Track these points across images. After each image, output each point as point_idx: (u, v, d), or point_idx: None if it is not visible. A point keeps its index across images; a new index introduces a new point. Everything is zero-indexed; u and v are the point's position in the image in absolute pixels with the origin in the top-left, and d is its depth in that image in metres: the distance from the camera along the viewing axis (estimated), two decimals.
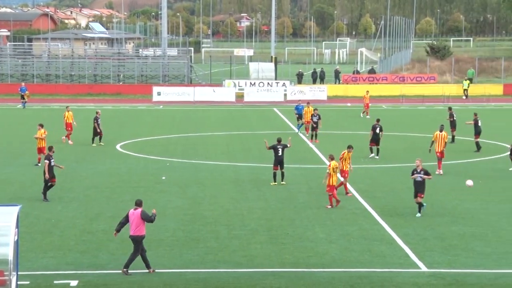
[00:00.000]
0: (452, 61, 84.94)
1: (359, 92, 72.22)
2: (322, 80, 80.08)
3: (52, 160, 26.91)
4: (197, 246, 21.35)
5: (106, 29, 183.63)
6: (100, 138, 40.44)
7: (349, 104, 65.16)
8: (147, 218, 19.17)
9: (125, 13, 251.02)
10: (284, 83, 70.52)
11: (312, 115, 42.44)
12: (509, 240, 21.95)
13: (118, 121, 52.72)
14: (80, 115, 57.69)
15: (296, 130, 46.17)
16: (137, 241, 19.13)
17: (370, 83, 75.33)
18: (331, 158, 26.59)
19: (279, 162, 29.97)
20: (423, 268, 19.40)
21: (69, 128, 41.13)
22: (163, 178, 31.31)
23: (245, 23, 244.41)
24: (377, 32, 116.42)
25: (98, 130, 40.10)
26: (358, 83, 75.33)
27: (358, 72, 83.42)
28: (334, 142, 42.26)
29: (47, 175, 26.72)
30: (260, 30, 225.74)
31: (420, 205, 24.76)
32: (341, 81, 77.38)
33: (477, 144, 38.40)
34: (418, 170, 24.88)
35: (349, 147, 28.85)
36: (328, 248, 21.14)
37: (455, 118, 41.40)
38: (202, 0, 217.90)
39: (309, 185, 29.89)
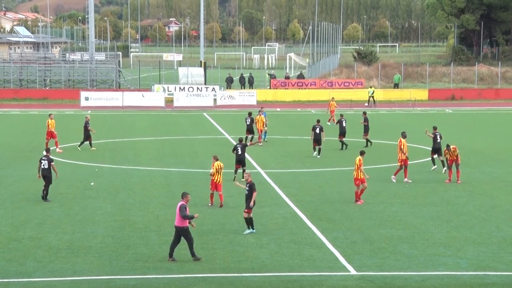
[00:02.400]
0: (379, 67, 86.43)
1: (288, 97, 72.88)
2: (251, 85, 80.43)
3: (46, 162, 27.60)
4: (127, 252, 21.16)
5: (32, 33, 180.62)
6: (82, 143, 40.87)
7: (278, 109, 65.51)
8: (181, 213, 19.93)
9: (51, 17, 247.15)
10: (213, 88, 70.57)
11: (246, 118, 42.82)
12: (435, 242, 22.40)
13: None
14: (6, 121, 56.60)
15: (263, 138, 44.09)
16: (179, 231, 19.99)
17: (299, 88, 76.01)
18: (215, 158, 27.20)
19: (239, 160, 31.33)
20: (352, 271, 19.64)
21: (48, 137, 40.18)
22: (92, 184, 30.94)
23: (173, 28, 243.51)
24: (305, 37, 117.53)
25: (93, 133, 40.82)
26: (287, 88, 75.96)
27: (289, 78, 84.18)
28: (264, 147, 42.44)
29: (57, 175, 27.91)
30: (189, 35, 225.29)
31: (249, 221, 23.01)
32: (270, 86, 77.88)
33: (343, 142, 41.24)
34: (246, 183, 23.29)
35: (362, 153, 28.06)
36: (259, 252, 21.22)
37: (368, 123, 42.44)
38: (129, 5, 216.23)
39: (238, 190, 29.92)
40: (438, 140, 34.16)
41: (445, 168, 32.93)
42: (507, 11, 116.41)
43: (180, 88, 70.78)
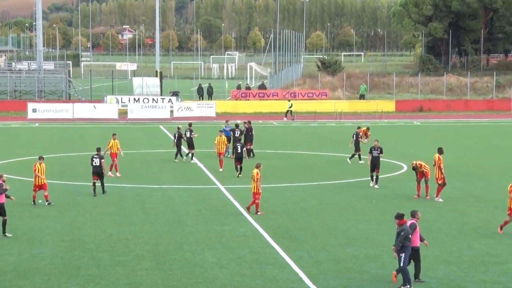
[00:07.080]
0: (344, 77, 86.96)
1: (249, 109, 72.94)
2: (210, 96, 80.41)
3: (97, 160, 31.36)
4: (77, 274, 20.92)
5: None
6: (181, 154, 42.10)
7: (239, 121, 65.52)
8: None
9: None
10: (170, 99, 70.43)
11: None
12: None
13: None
14: None
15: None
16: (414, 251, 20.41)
17: (260, 99, 76.17)
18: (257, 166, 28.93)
19: (238, 158, 36.33)
20: None
21: (114, 158, 37.59)
22: (40, 201, 30.58)
23: (127, 36, 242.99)
24: (267, 46, 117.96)
25: (183, 142, 41.95)
26: (248, 99, 76.04)
27: (249, 88, 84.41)
28: (224, 161, 42.36)
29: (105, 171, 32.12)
30: (144, 43, 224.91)
31: None
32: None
33: (251, 150, 42.36)
34: None
35: None
36: (218, 273, 21.12)
37: (252, 133, 43.07)
38: (80, 11, 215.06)
39: (197, 206, 29.84)
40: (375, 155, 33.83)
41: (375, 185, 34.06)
42: (475, 19, 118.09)
43: (134, 99, 70.48)
